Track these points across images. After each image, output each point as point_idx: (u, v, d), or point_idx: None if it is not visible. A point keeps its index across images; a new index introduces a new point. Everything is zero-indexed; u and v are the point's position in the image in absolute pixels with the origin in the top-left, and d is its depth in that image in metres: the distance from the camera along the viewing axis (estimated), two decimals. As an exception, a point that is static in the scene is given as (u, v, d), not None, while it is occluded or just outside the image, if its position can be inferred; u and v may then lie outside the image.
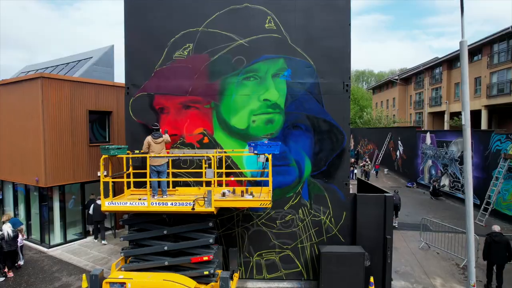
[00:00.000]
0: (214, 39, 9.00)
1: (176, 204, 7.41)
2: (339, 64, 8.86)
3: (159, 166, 8.38)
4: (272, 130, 9.00)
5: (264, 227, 9.23)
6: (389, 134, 29.32)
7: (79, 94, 13.12)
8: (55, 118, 12.32)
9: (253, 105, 9.00)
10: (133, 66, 9.21)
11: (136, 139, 9.12)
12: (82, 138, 13.26)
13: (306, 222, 9.14)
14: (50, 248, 12.43)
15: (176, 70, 9.10)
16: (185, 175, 9.20)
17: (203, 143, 9.17)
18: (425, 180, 22.27)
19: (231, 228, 9.30)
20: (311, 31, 8.87)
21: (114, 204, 7.55)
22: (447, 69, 32.83)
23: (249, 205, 7.52)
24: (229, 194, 8.35)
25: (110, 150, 7.39)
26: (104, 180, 7.53)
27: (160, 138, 8.46)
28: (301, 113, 8.96)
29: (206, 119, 9.13)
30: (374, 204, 8.88)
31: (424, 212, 16.72)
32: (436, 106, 35.38)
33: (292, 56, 8.92)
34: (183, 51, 9.09)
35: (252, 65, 8.97)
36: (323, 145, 8.98)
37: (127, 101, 9.28)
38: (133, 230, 8.31)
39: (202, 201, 7.35)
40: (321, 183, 9.04)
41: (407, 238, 12.96)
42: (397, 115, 43.05)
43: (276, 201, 9.02)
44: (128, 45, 9.19)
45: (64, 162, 12.66)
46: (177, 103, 9.16)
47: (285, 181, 9.05)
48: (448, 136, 19.30)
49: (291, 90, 8.94)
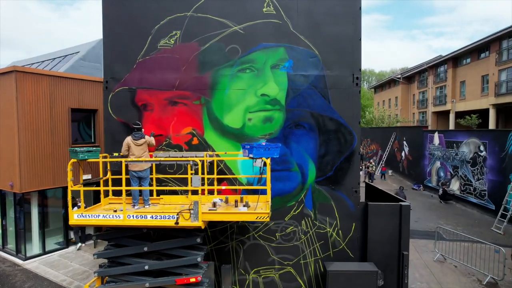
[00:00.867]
0: (204, 26, 7.85)
1: (157, 217, 6.27)
2: (348, 54, 7.72)
3: (140, 172, 7.25)
4: (271, 130, 7.86)
5: (262, 241, 8.08)
6: (394, 134, 28.19)
7: (60, 90, 11.97)
8: (32, 117, 11.18)
9: (249, 101, 7.85)
10: (112, 56, 8.06)
11: (116, 140, 7.96)
12: (63, 138, 12.12)
13: (310, 235, 8.00)
14: (26, 260, 11.29)
15: (161, 61, 7.96)
16: (172, 182, 8.05)
17: (192, 144, 8.02)
18: (432, 183, 21.14)
19: (224, 242, 8.15)
20: (316, 16, 7.73)
21: (84, 217, 6.40)
22: (452, 67, 31.71)
23: (243, 218, 6.38)
24: (221, 204, 7.22)
25: (79, 154, 6.24)
26: (72, 188, 6.38)
27: (141, 139, 7.32)
28: (304, 110, 7.81)
29: (196, 117, 7.98)
30: (388, 214, 7.75)
31: (434, 217, 15.59)
32: (440, 105, 34.27)
33: (294, 44, 7.77)
34: (169, 39, 7.94)
35: (248, 55, 7.83)
36: (329, 147, 7.83)
37: (105, 97, 8.13)
38: (111, 245, 7.18)
39: (187, 214, 6.20)
40: (327, 190, 7.90)
41: (419, 248, 11.82)
42: (400, 115, 41.96)
43: (276, 211, 7.87)
44: (107, 33, 8.03)
45: (43, 165, 11.51)
46: (163, 98, 8.01)
47: (286, 188, 7.90)
48: (459, 136, 18.16)
49: (292, 83, 7.80)
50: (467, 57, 29.51)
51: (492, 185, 15.27)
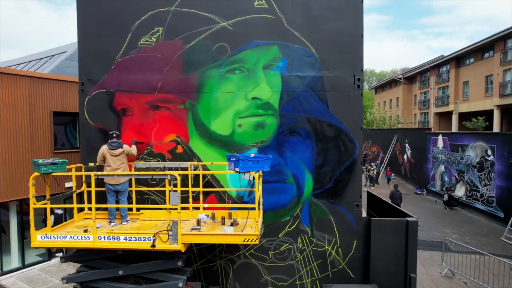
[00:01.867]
0: (189, 22, 7.08)
1: (131, 239, 5.49)
2: (349, 53, 6.95)
3: (117, 185, 6.51)
4: (263, 137, 7.08)
5: (254, 259, 7.30)
6: (396, 136, 27.39)
7: (41, 92, 11.20)
8: (9, 121, 10.41)
9: (239, 105, 7.07)
10: (88, 56, 7.29)
11: (93, 148, 7.17)
12: (44, 143, 11.35)
13: (306, 253, 7.23)
14: (2, 276, 10.50)
15: (142, 61, 7.18)
16: (154, 194, 7.28)
17: (176, 153, 7.24)
18: (436, 187, 20.34)
19: (211, 260, 7.38)
20: (313, 10, 6.96)
21: (48, 239, 5.62)
22: (455, 67, 30.95)
23: (229, 241, 5.60)
24: (206, 221, 6.45)
25: (41, 167, 5.44)
26: (35, 206, 5.60)
27: (118, 149, 6.56)
28: (300, 115, 7.04)
29: (180, 122, 7.21)
30: (393, 230, 6.98)
31: (439, 225, 14.81)
32: (443, 106, 33.50)
33: (288, 42, 7.00)
34: (151, 36, 7.16)
35: (238, 54, 7.06)
36: (328, 156, 7.06)
37: (81, 101, 7.36)
38: (84, 267, 6.40)
39: (165, 236, 5.43)
40: (325, 204, 7.12)
41: (425, 260, 11.04)
42: (401, 116, 41.17)
43: (269, 226, 7.10)
44: (82, 30, 7.27)
45: (22, 173, 10.73)
46: (143, 102, 7.23)
47: (280, 202, 7.13)
48: (465, 140, 17.36)
49: (287, 85, 7.02)
50: (470, 57, 28.74)
51: (500, 192, 14.48)
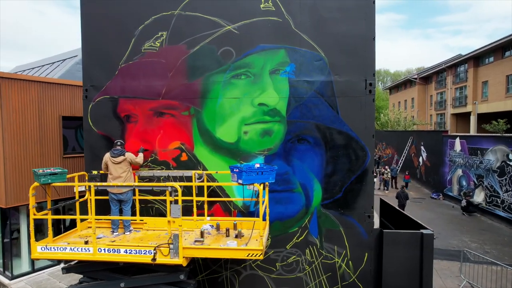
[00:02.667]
0: (194, 25, 6.88)
1: (131, 251, 5.32)
2: (360, 56, 6.61)
3: (120, 195, 6.37)
4: (269, 145, 6.81)
5: (260, 271, 7.04)
6: (411, 138, 26.66)
7: (50, 97, 11.22)
8: (19, 126, 10.45)
9: (245, 112, 6.83)
10: (92, 62, 7.18)
11: (97, 155, 7.07)
12: (54, 148, 11.36)
13: (315, 266, 6.92)
14: (12, 280, 10.55)
15: (145, 66, 7.02)
16: (159, 203, 7.11)
17: (181, 160, 7.05)
18: (453, 192, 19.62)
19: (217, 271, 7.15)
20: (322, 12, 6.65)
21: (48, 250, 5.50)
22: (473, 67, 29.93)
23: (232, 256, 5.34)
24: (210, 232, 6.25)
25: (41, 177, 5.32)
26: (35, 217, 5.48)
27: (120, 156, 6.42)
28: (308, 122, 6.74)
29: (184, 129, 7.01)
30: (407, 243, 6.61)
31: (457, 233, 14.21)
32: (460, 107, 32.47)
33: (296, 46, 6.71)
34: (155, 41, 7.00)
35: (244, 58, 6.81)
36: (338, 165, 6.74)
37: (85, 107, 7.26)
38: (87, 277, 6.28)
39: (166, 249, 5.23)
40: (335, 214, 6.80)
41: (442, 271, 10.54)
42: (416, 116, 40.16)
43: (276, 237, 6.84)
44: (85, 36, 7.16)
45: (31, 178, 10.73)
46: (147, 109, 7.07)
47: (288, 212, 6.84)
48: (484, 143, 16.65)
49: (295, 91, 6.74)
50: (489, 56, 27.72)
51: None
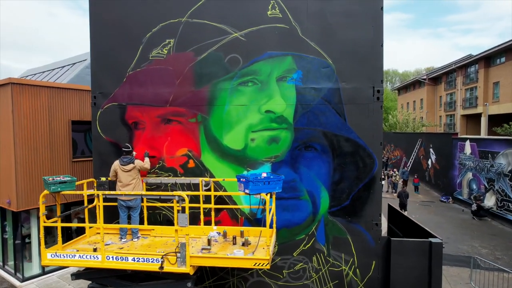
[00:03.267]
0: (201, 33, 6.91)
1: (139, 260, 5.36)
2: (368, 63, 6.56)
3: (129, 201, 6.45)
4: (276, 152, 6.80)
5: (267, 278, 7.04)
6: (419, 140, 26.37)
7: (60, 102, 11.36)
8: (30, 131, 10.59)
9: (252, 119, 6.83)
10: (100, 69, 7.27)
11: (105, 162, 7.15)
12: (63, 152, 11.50)
13: (322, 273, 6.89)
14: (23, 282, 10.73)
15: (153, 73, 7.08)
16: (167, 210, 7.15)
17: (188, 167, 7.09)
18: (463, 195, 19.35)
19: (224, 278, 7.18)
20: (329, 18, 6.62)
21: (58, 257, 5.58)
22: (484, 67, 29.50)
23: (238, 265, 5.36)
24: (217, 239, 6.27)
25: (50, 186, 5.41)
26: (45, 224, 5.57)
27: (130, 164, 6.49)
28: (315, 129, 6.71)
29: (192, 136, 7.04)
30: (415, 252, 6.53)
31: (467, 238, 14.01)
32: (470, 108, 32.04)
33: (303, 53, 6.69)
34: (162, 48, 7.04)
35: (251, 65, 6.82)
36: (345, 172, 6.70)
37: (94, 114, 7.34)
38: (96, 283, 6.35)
39: (174, 258, 5.26)
40: (342, 222, 6.76)
41: (451, 278, 10.40)
42: (425, 118, 39.72)
43: (283, 245, 6.83)
44: (94, 43, 7.26)
45: (41, 182, 10.88)
46: (155, 116, 7.13)
47: (295, 219, 6.83)
48: (495, 146, 16.39)
49: (302, 98, 6.72)
50: (501, 56, 27.28)
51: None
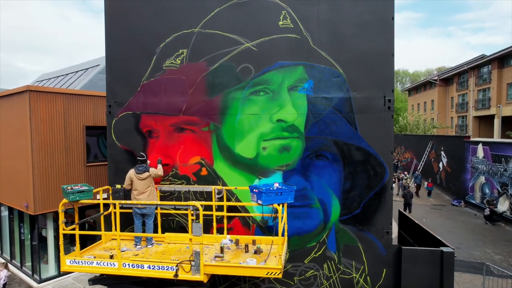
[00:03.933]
0: (213, 43, 7.04)
1: (154, 267, 5.51)
2: (379, 73, 6.59)
3: (144, 208, 6.60)
4: (288, 160, 6.89)
5: (279, 284, 7.13)
6: (430, 142, 26.11)
7: (74, 108, 11.65)
8: (46, 136, 10.89)
9: (264, 128, 6.93)
10: (115, 79, 7.46)
11: (120, 169, 7.34)
12: (78, 157, 11.78)
13: (333, 281, 6.95)
14: (40, 283, 11.03)
15: (166, 83, 7.23)
16: (180, 217, 7.30)
17: (201, 175, 7.22)
18: (475, 199, 19.12)
19: (235, 284, 7.28)
20: (340, 28, 6.68)
21: (76, 264, 5.77)
22: (497, 68, 29.05)
23: (251, 273, 5.47)
24: (230, 246, 6.38)
25: (70, 195, 5.59)
26: (64, 232, 5.76)
27: (145, 173, 6.66)
28: (326, 138, 6.78)
29: (204, 145, 7.18)
30: (426, 261, 6.55)
31: (480, 243, 13.86)
32: (483, 109, 31.56)
33: (314, 62, 6.76)
34: (176, 58, 7.19)
35: (262, 75, 6.92)
36: (356, 181, 6.74)
37: (109, 123, 7.53)
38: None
39: (188, 266, 5.39)
40: (353, 230, 6.81)
41: (463, 285, 10.33)
42: (436, 119, 39.25)
43: (294, 252, 6.91)
44: (110, 53, 7.44)
45: (58, 186, 11.20)
46: (168, 125, 7.28)
47: (306, 227, 6.90)
48: (508, 150, 16.17)
49: (313, 107, 6.79)
50: (515, 56, 26.87)
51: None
